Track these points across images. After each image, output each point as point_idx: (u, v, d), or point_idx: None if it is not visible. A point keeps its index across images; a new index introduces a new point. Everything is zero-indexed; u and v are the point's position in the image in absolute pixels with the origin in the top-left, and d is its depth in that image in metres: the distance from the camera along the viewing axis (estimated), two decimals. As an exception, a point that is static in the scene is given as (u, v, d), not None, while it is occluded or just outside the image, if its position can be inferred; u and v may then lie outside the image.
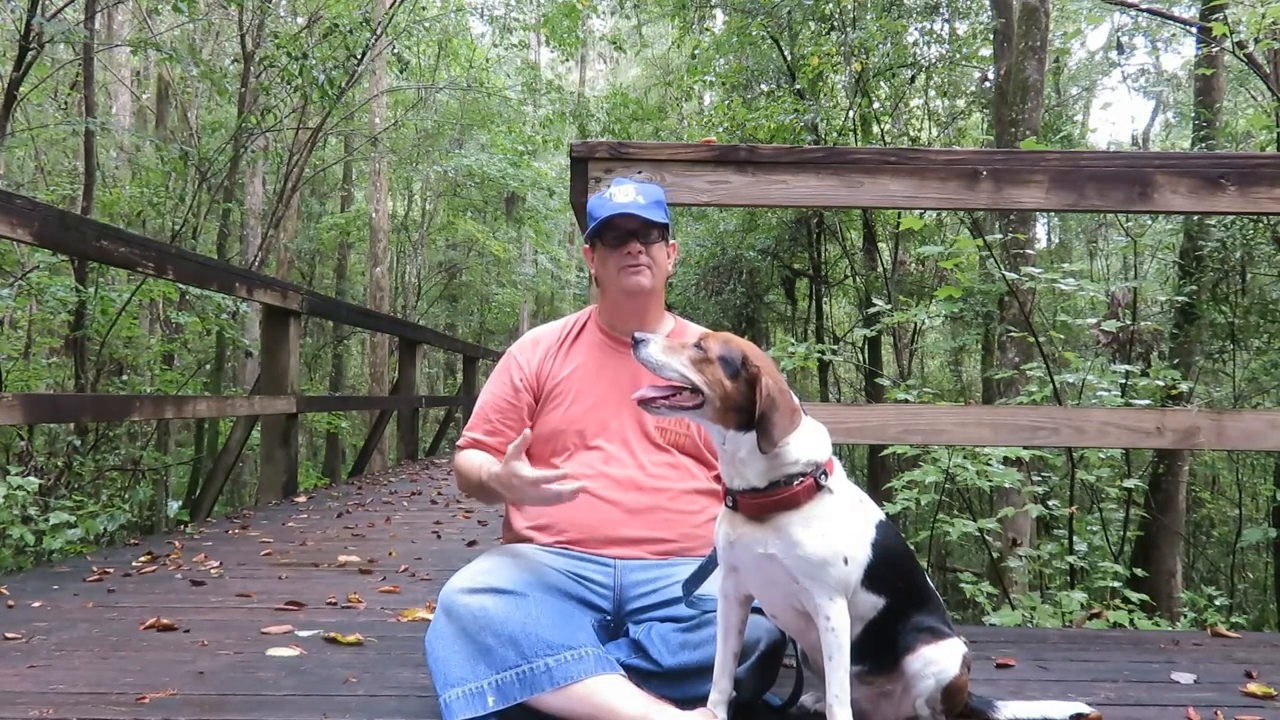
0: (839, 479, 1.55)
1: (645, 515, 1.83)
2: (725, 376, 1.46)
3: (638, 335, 1.49)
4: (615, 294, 1.96)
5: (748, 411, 1.46)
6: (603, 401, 1.91)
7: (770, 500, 1.47)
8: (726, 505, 1.54)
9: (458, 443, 2.04)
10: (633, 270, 1.91)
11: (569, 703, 1.51)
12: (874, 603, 1.53)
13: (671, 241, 2.04)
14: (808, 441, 1.51)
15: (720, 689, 1.56)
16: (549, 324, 2.11)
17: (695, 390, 1.47)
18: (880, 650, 1.55)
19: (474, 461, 1.92)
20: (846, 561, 1.48)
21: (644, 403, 1.49)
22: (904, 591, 1.57)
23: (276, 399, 5.28)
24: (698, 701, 1.57)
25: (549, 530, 1.85)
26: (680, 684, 1.60)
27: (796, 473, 1.48)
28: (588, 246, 2.01)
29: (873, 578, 1.52)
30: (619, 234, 1.91)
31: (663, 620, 1.70)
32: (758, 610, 1.66)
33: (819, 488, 1.50)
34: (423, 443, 9.51)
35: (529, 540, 1.87)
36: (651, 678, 1.59)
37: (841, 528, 1.50)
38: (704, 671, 1.59)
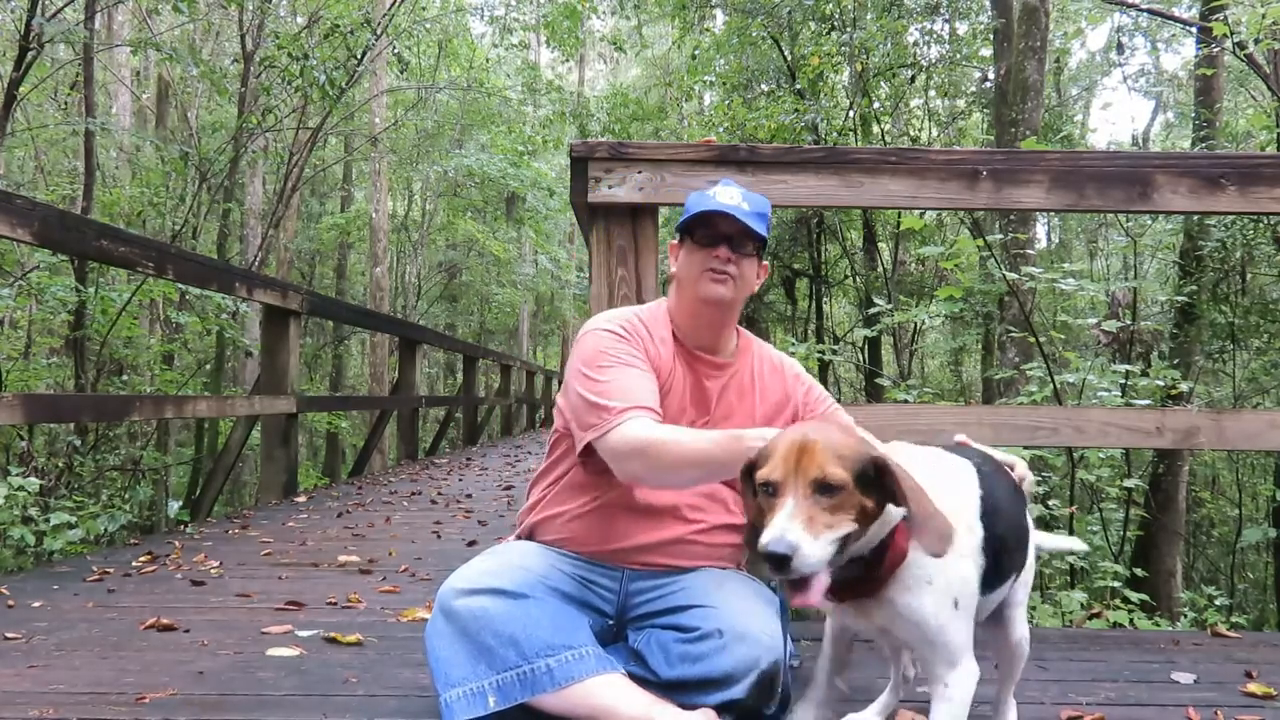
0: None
1: (674, 546, 1.77)
2: (866, 502, 1.18)
3: (772, 553, 1.11)
4: (691, 298, 1.79)
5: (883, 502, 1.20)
6: (671, 414, 1.77)
7: (873, 578, 1.27)
8: (827, 599, 1.29)
9: (619, 420, 1.61)
10: (716, 278, 1.73)
11: (570, 703, 1.51)
12: (1003, 592, 1.40)
13: (764, 262, 1.87)
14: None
15: (817, 691, 1.46)
16: (624, 312, 1.85)
17: (846, 545, 1.19)
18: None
19: (681, 440, 1.56)
20: (958, 605, 1.26)
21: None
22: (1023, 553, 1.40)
23: (276, 399, 5.28)
24: (695, 706, 1.55)
25: (567, 536, 1.80)
26: (676, 695, 1.57)
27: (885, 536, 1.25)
28: (674, 241, 1.85)
29: (992, 578, 1.33)
30: (712, 234, 1.75)
31: (665, 629, 1.66)
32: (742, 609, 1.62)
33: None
34: (423, 443, 9.50)
35: (541, 540, 1.83)
36: (649, 687, 1.57)
37: (932, 582, 1.26)
38: (703, 685, 1.56)
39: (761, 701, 1.61)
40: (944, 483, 1.30)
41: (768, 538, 1.12)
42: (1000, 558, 1.33)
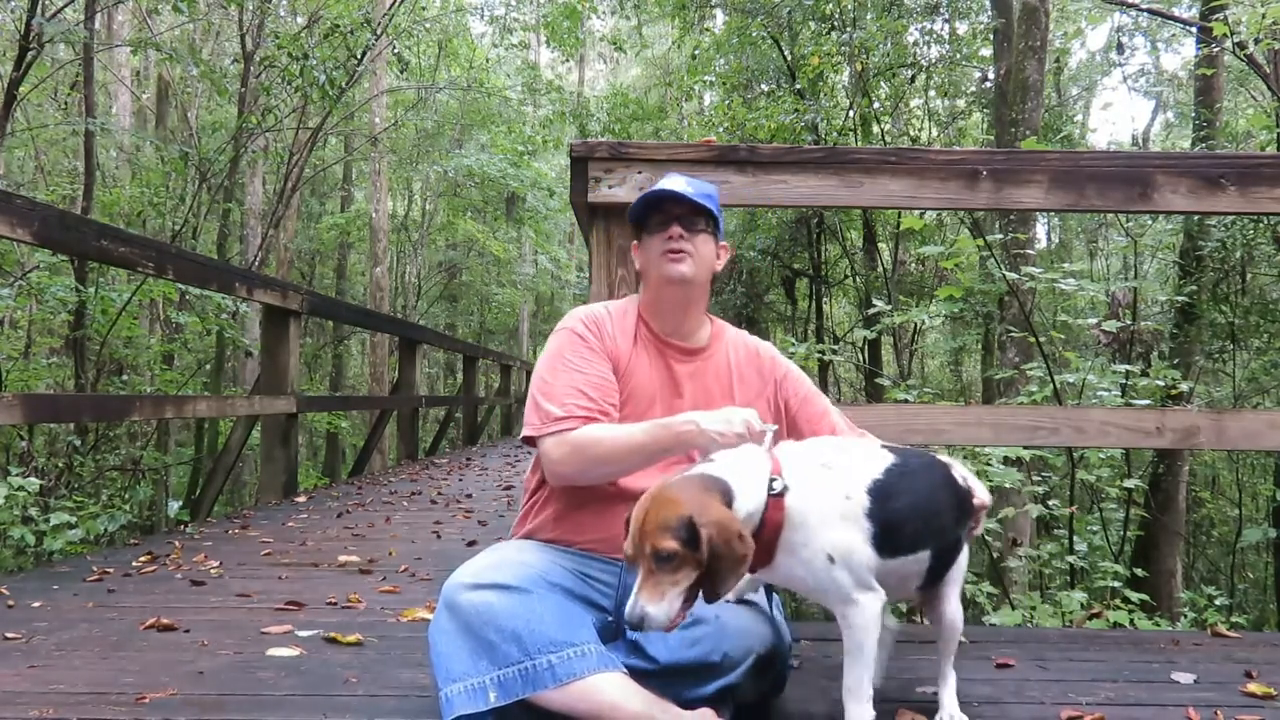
0: (793, 478, 1.50)
1: None
2: (697, 559, 1.36)
3: (630, 620, 1.36)
4: (656, 283, 1.85)
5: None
6: (642, 403, 1.84)
7: (763, 548, 1.47)
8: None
9: (559, 426, 1.73)
10: (674, 257, 1.80)
11: (571, 700, 1.51)
12: (919, 560, 1.58)
13: (722, 243, 1.92)
14: (746, 498, 1.45)
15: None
16: (594, 307, 1.93)
17: (696, 590, 1.39)
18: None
19: (613, 433, 1.71)
20: (833, 560, 1.46)
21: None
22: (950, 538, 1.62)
23: (276, 399, 5.28)
24: (695, 702, 1.56)
25: (564, 531, 1.82)
26: (677, 682, 1.59)
27: (759, 511, 1.46)
28: (635, 242, 1.91)
29: (892, 544, 1.51)
30: (663, 218, 1.82)
31: None
32: (744, 602, 1.71)
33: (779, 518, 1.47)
34: (423, 443, 9.51)
35: (540, 537, 1.85)
36: (649, 677, 1.58)
37: (817, 529, 1.47)
38: (701, 671, 1.59)
39: (760, 686, 1.65)
40: (843, 462, 1.56)
41: (626, 610, 1.36)
42: (893, 530, 1.51)
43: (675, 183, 1.84)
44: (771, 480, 1.48)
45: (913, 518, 1.55)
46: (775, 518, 1.46)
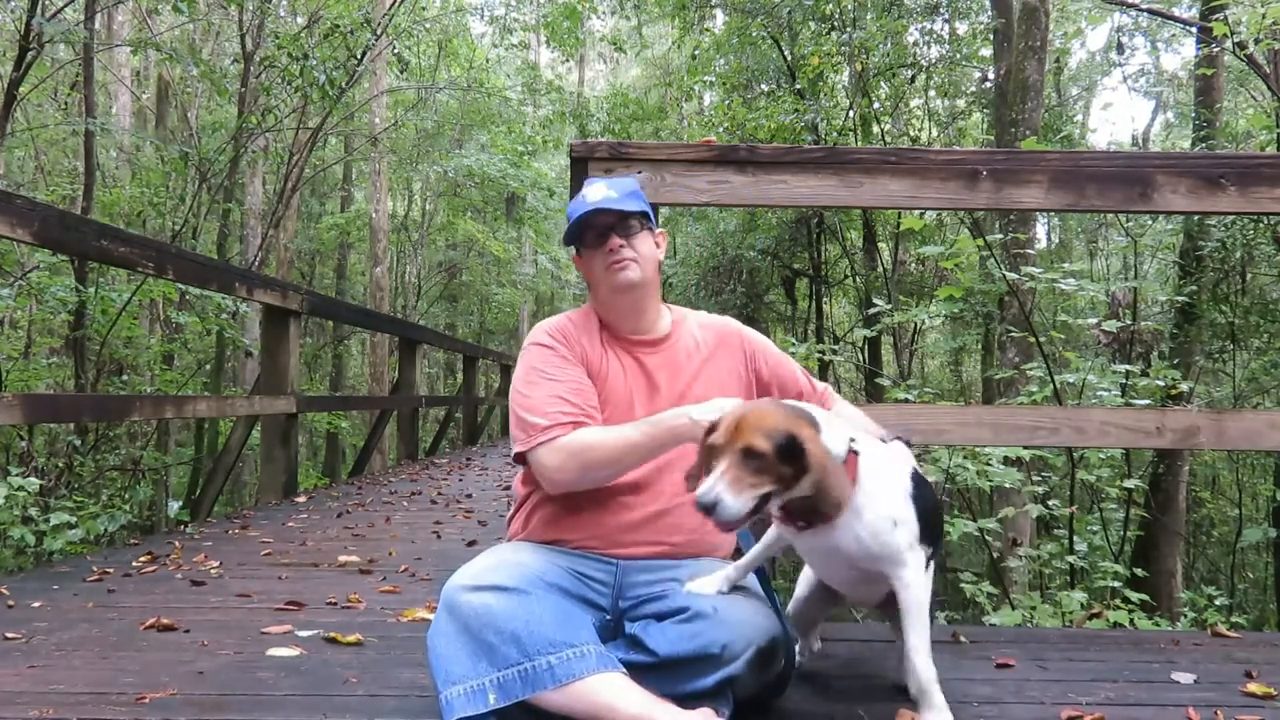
0: (864, 447, 1.59)
1: (656, 520, 1.81)
2: (784, 471, 1.44)
3: (701, 502, 1.40)
4: (607, 294, 1.91)
5: (798, 475, 1.46)
6: (621, 404, 1.87)
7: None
8: (798, 527, 1.57)
9: (548, 436, 1.75)
10: (618, 266, 1.85)
11: (570, 700, 1.51)
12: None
13: (659, 230, 1.98)
14: (832, 442, 1.53)
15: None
16: (557, 319, 1.97)
17: (766, 501, 1.46)
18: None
19: (606, 434, 1.75)
20: (895, 524, 1.55)
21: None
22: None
23: (276, 399, 5.28)
24: (696, 695, 1.57)
25: (558, 529, 1.84)
26: (676, 675, 1.59)
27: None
28: (576, 255, 1.95)
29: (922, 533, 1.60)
30: (598, 231, 1.87)
31: (659, 617, 1.69)
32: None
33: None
34: (423, 443, 9.51)
35: (535, 538, 1.86)
36: (649, 671, 1.59)
37: (879, 499, 1.56)
38: (701, 663, 1.59)
39: (761, 678, 1.64)
40: (883, 448, 1.68)
41: (699, 491, 1.42)
42: (923, 519, 1.61)
43: (597, 192, 1.87)
44: (851, 439, 1.55)
45: (934, 514, 1.66)
46: (852, 474, 1.53)
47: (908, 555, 1.56)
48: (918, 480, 1.65)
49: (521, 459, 1.81)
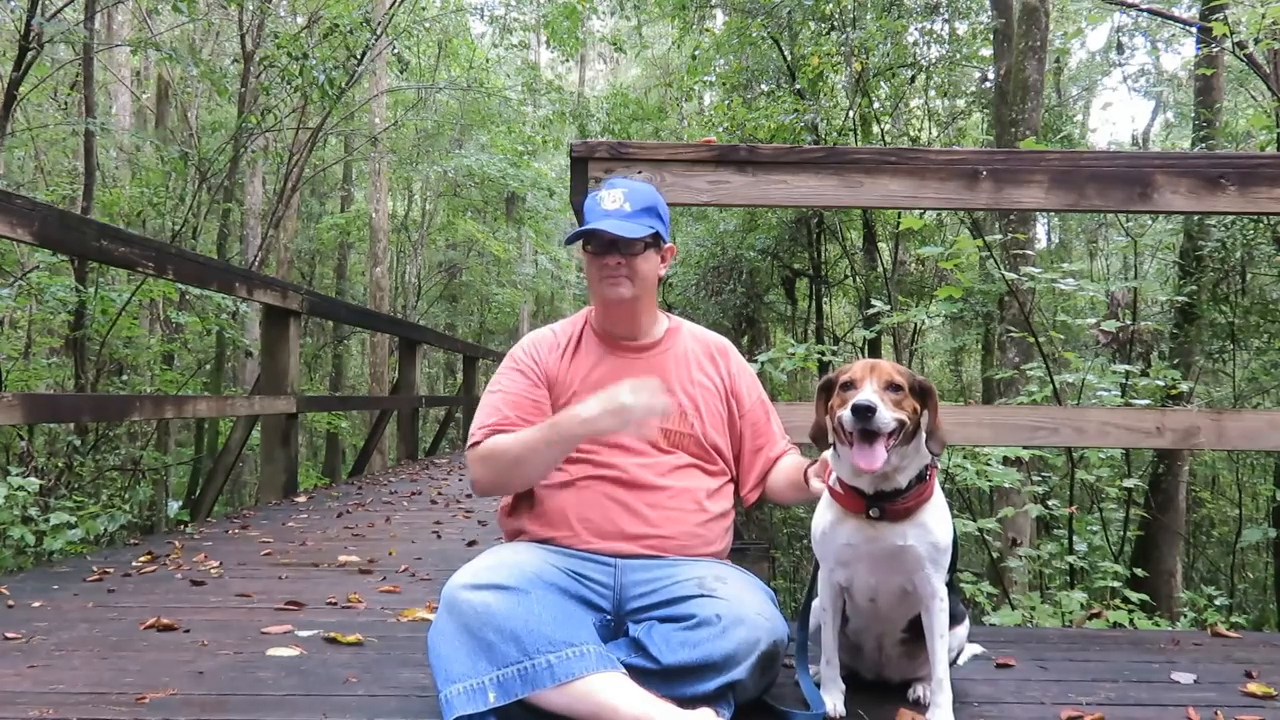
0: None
1: (649, 514, 1.83)
2: (915, 404, 1.62)
3: (862, 404, 1.51)
4: (601, 302, 1.96)
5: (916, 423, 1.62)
6: None
7: (916, 498, 1.63)
8: (870, 515, 1.63)
9: (471, 442, 1.90)
10: (612, 282, 1.88)
11: (570, 700, 1.51)
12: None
13: (668, 245, 1.98)
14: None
15: (834, 665, 1.73)
16: (544, 329, 2.06)
17: (902, 426, 1.58)
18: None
19: (511, 438, 1.83)
20: (949, 546, 1.67)
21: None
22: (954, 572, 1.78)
23: (276, 399, 5.28)
24: (695, 701, 1.57)
25: (552, 528, 1.85)
26: (678, 682, 1.59)
27: (924, 466, 1.65)
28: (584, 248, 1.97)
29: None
30: (601, 243, 1.88)
31: (662, 620, 1.69)
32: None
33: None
34: (423, 443, 9.51)
35: (530, 538, 1.87)
36: (651, 676, 1.59)
37: (947, 511, 1.69)
38: (701, 670, 1.59)
39: (763, 682, 1.66)
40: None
41: (860, 398, 1.53)
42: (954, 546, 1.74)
43: (614, 200, 1.88)
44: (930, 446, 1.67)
45: (956, 545, 1.76)
46: (932, 481, 1.67)
47: (946, 572, 1.66)
48: None
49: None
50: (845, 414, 1.54)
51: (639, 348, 1.99)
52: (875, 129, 10.49)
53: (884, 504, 1.61)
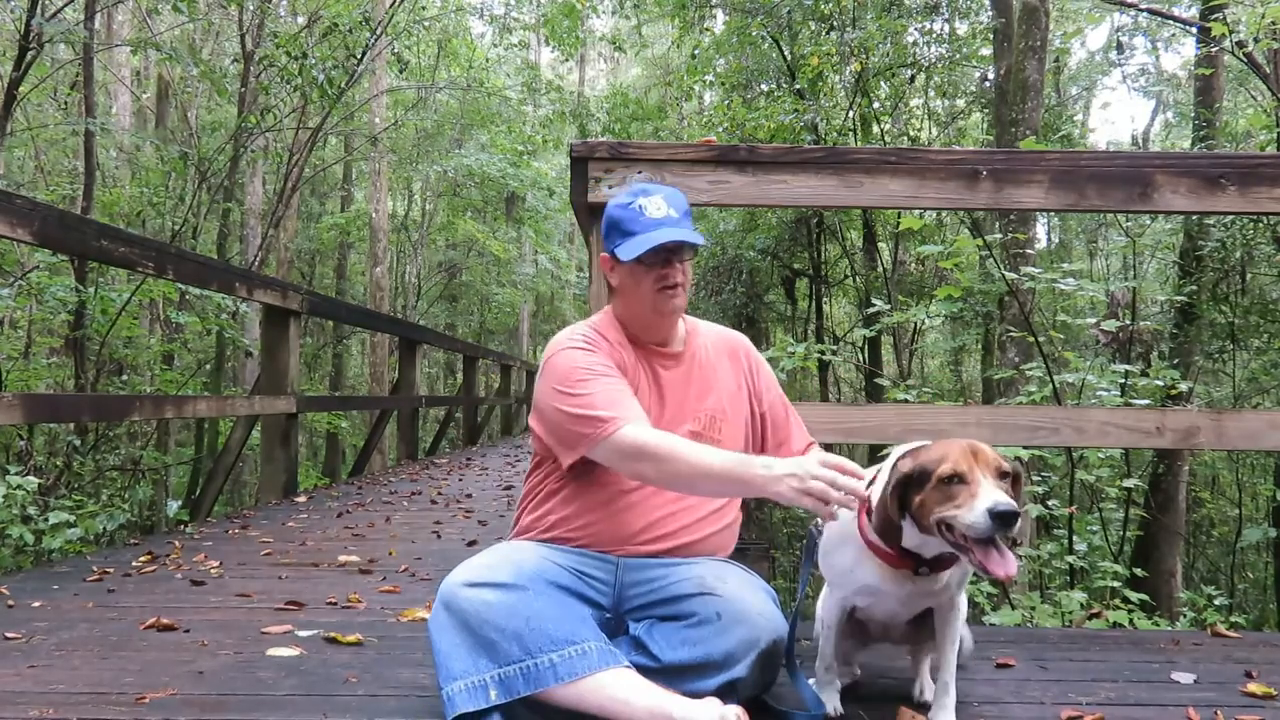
0: None
1: (660, 521, 1.80)
2: (1014, 491, 1.53)
3: (1007, 511, 1.38)
4: (647, 310, 1.85)
5: None
6: (646, 411, 1.82)
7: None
8: (919, 573, 1.60)
9: (619, 426, 1.66)
10: (672, 293, 1.82)
11: (581, 695, 1.51)
12: None
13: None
14: None
15: (833, 670, 1.75)
16: (580, 327, 1.91)
17: None
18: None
19: (695, 450, 1.63)
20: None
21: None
22: None
23: (276, 399, 5.28)
24: (699, 695, 1.57)
25: (561, 529, 1.82)
26: (679, 680, 1.60)
27: None
28: (605, 254, 1.88)
29: None
30: (659, 253, 1.80)
31: (663, 619, 1.70)
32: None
33: None
34: (423, 443, 9.50)
35: (536, 538, 1.85)
36: (651, 674, 1.59)
37: None
38: (701, 668, 1.60)
39: (764, 679, 1.66)
40: None
41: (992, 501, 1.38)
42: None
43: (658, 208, 1.80)
44: None
45: None
46: None
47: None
48: None
49: (576, 464, 1.75)
50: (976, 520, 1.38)
51: (670, 357, 1.93)
52: (875, 129, 10.49)
53: (935, 562, 1.59)
